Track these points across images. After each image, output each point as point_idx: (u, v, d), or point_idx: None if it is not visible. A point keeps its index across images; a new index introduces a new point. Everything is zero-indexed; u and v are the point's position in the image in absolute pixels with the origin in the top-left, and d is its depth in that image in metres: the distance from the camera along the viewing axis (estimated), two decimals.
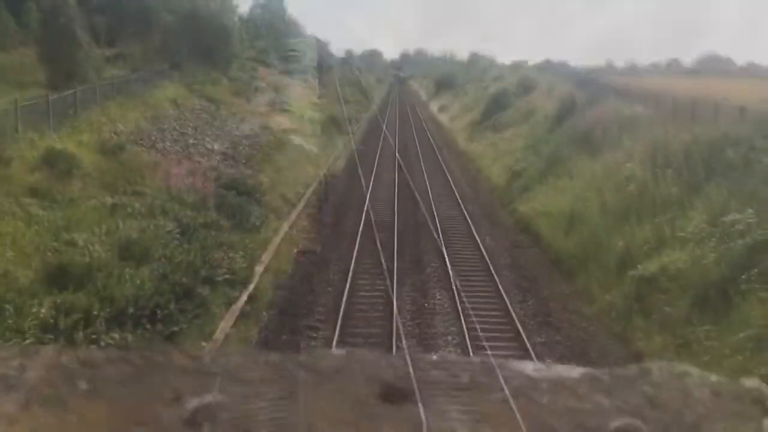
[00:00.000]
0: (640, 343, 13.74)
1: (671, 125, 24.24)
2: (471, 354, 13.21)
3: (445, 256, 19.76)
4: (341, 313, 14.96)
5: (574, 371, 0.93)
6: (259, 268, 17.16)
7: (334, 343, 13.44)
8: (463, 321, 14.88)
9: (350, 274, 17.72)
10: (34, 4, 28.84)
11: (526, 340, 13.98)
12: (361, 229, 22.39)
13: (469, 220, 24.61)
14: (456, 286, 17.20)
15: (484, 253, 20.25)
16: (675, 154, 20.67)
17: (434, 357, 0.93)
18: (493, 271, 18.57)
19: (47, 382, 0.81)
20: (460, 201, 27.99)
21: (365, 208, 25.41)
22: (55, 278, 12.12)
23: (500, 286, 17.36)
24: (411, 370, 0.87)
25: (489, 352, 13.62)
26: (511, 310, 15.72)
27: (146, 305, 12.17)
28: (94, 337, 10.86)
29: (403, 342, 13.82)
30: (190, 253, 15.32)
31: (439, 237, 22.00)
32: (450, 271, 18.30)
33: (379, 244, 21.06)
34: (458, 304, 15.90)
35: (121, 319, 11.78)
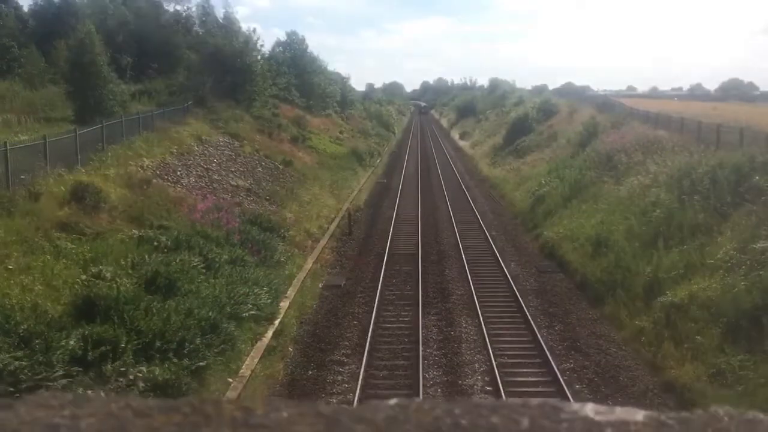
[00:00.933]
0: (672, 372, 13.47)
1: (696, 150, 24.07)
2: (500, 383, 13.06)
3: (471, 284, 19.68)
4: (367, 347, 14.89)
5: (638, 414, 0.88)
6: (284, 304, 17.18)
7: (360, 377, 13.36)
8: (490, 348, 14.74)
9: (375, 306, 17.67)
10: (63, 42, 29.62)
11: (554, 366, 13.79)
12: (385, 260, 22.41)
13: (493, 245, 24.51)
14: (481, 313, 17.10)
15: (510, 279, 20.13)
16: (701, 179, 20.48)
17: (493, 401, 0.91)
18: (519, 297, 18.44)
19: None
20: (483, 227, 27.92)
21: (389, 240, 25.47)
22: (84, 311, 12.24)
23: (527, 312, 17.21)
24: (468, 416, 0.85)
25: (517, 379, 13.48)
26: (539, 336, 15.55)
27: (173, 339, 12.20)
28: (122, 370, 10.92)
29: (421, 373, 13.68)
30: (215, 288, 15.40)
31: (463, 264, 21.94)
32: (476, 299, 18.20)
33: (403, 276, 21.10)
34: (485, 331, 15.78)
35: (149, 352, 11.82)
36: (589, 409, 0.88)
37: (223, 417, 0.84)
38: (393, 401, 0.89)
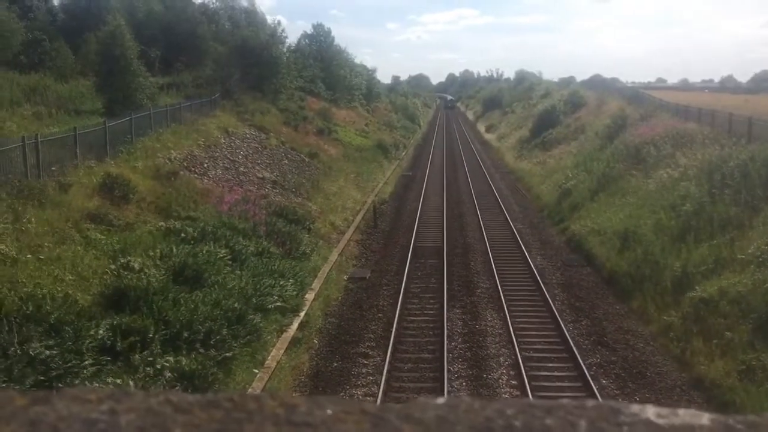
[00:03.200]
0: (701, 368, 13.29)
1: (727, 143, 23.65)
2: (525, 377, 13.00)
3: (496, 277, 19.59)
4: (392, 339, 14.90)
5: (703, 418, 0.83)
6: (309, 296, 17.25)
7: (385, 370, 13.37)
8: (515, 342, 14.67)
9: (400, 299, 17.67)
10: (92, 36, 29.95)
11: (580, 361, 13.68)
12: (410, 253, 22.39)
13: (519, 239, 24.36)
14: (507, 306, 17.02)
15: (536, 272, 19.99)
16: (732, 173, 20.12)
17: (548, 402, 0.85)
18: (545, 290, 18.31)
19: (141, 429, 0.78)
20: (509, 220, 27.75)
21: (414, 232, 25.43)
22: (113, 301, 12.42)
23: (553, 306, 17.09)
24: (522, 417, 0.82)
25: (545, 373, 13.40)
26: (565, 330, 15.44)
27: (200, 329, 12.33)
28: (150, 359, 11.06)
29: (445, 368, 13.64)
30: (241, 279, 15.52)
31: (489, 257, 21.84)
32: (501, 292, 18.11)
33: (428, 269, 21.05)
34: (510, 325, 15.70)
35: (176, 342, 11.96)
36: (651, 411, 0.84)
37: (265, 413, 0.83)
38: (441, 400, 0.86)
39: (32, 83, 28.24)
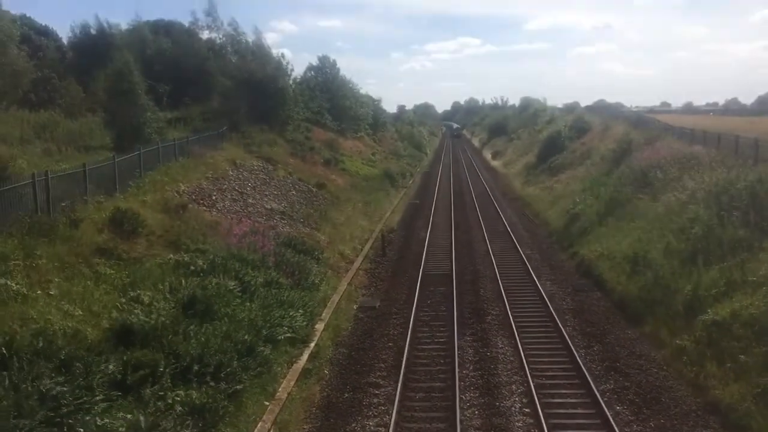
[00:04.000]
0: (715, 392, 13.12)
1: (734, 165, 23.62)
2: (538, 404, 12.87)
3: (506, 303, 19.50)
4: (403, 369, 14.80)
5: None
6: (319, 326, 17.20)
7: (396, 399, 13.27)
8: (527, 369, 14.55)
9: (410, 328, 17.58)
10: (101, 72, 30.35)
11: (593, 387, 13.54)
12: (419, 281, 22.34)
13: (528, 264, 24.28)
14: (518, 333, 16.92)
15: (546, 298, 19.89)
16: (740, 195, 20.07)
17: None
18: (555, 316, 18.20)
19: None
20: (518, 246, 27.70)
21: (422, 261, 25.40)
22: (122, 335, 12.39)
23: (564, 332, 16.97)
24: None
25: (557, 400, 13.25)
26: (577, 356, 15.31)
27: (210, 362, 12.28)
28: (161, 393, 11.02)
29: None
30: (251, 311, 15.50)
31: (498, 284, 21.75)
32: (511, 319, 18.01)
33: (437, 296, 20.99)
34: (521, 351, 15.60)
35: (187, 375, 11.91)
36: None
37: None
38: None
39: (42, 120, 28.56)
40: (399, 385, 13.93)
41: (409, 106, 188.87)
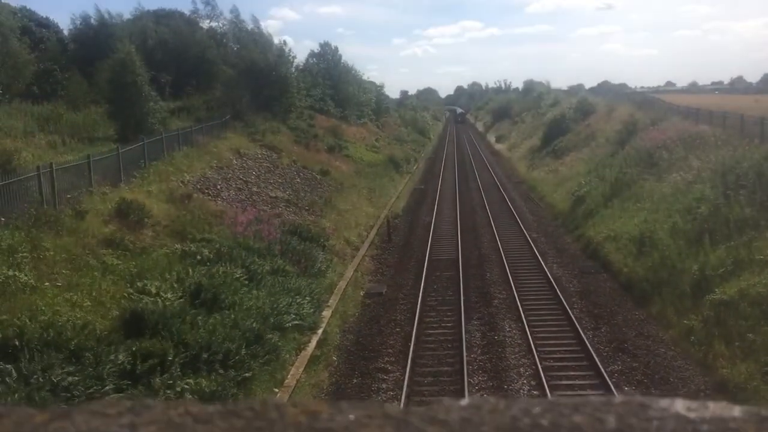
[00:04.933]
0: (723, 371, 13.13)
1: (740, 144, 23.50)
2: (546, 386, 12.90)
3: (513, 287, 19.51)
4: (411, 354, 14.84)
5: (734, 410, 0.81)
6: (326, 313, 17.24)
7: (405, 384, 13.32)
8: (535, 352, 14.58)
9: (417, 312, 17.61)
10: (104, 64, 30.34)
11: (601, 368, 13.56)
12: (425, 266, 22.35)
13: (534, 248, 24.27)
14: (525, 316, 16.93)
15: (552, 281, 19.89)
16: (746, 174, 19.97)
17: (574, 399, 0.83)
18: (562, 299, 18.21)
19: None
20: (524, 229, 27.67)
21: (428, 245, 25.40)
22: (131, 325, 12.46)
23: (571, 314, 16.98)
24: (549, 416, 0.80)
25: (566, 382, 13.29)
26: (584, 338, 15.33)
27: (218, 351, 12.34)
28: (170, 382, 11.08)
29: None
30: (258, 299, 15.54)
31: (504, 267, 21.75)
32: (518, 302, 18.03)
33: (444, 281, 21.00)
34: (529, 335, 15.62)
35: (196, 364, 11.97)
36: (680, 405, 0.82)
37: (286, 421, 0.81)
38: (465, 401, 0.85)
39: (45, 113, 28.58)
40: (407, 369, 13.98)
41: (412, 92, 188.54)
